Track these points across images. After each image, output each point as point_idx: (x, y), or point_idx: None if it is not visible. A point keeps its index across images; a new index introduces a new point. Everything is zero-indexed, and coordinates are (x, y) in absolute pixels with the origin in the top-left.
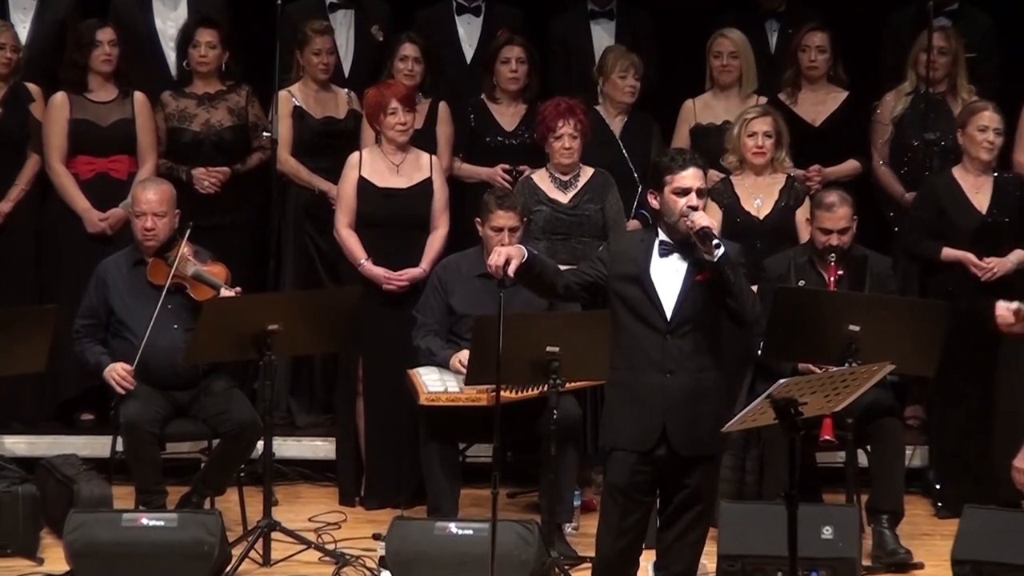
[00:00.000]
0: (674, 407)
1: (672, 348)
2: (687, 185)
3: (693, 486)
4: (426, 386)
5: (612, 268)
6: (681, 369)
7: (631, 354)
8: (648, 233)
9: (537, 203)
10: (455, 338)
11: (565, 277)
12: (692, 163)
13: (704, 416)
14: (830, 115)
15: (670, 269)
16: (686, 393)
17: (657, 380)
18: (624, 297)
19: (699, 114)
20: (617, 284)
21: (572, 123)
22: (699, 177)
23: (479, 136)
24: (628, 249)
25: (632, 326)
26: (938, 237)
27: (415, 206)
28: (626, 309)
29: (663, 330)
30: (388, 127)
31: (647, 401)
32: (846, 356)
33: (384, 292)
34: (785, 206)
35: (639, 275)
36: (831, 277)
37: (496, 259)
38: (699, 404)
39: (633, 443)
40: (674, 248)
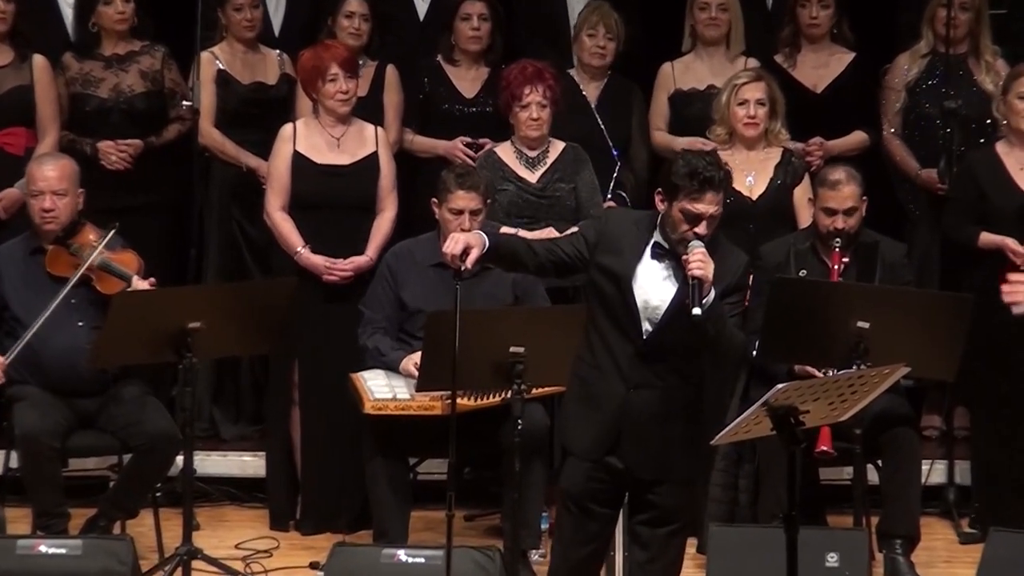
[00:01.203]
0: (634, 425)
1: (642, 364)
2: (699, 212)
3: (662, 505)
4: (372, 392)
5: (595, 253)
6: (649, 386)
7: (598, 353)
8: (647, 221)
9: (502, 181)
10: (406, 337)
11: (539, 256)
12: (710, 187)
13: (670, 439)
14: (834, 80)
15: (659, 277)
16: (650, 412)
17: (619, 392)
18: (601, 292)
19: (679, 78)
20: (597, 274)
21: (540, 90)
22: (716, 202)
23: (434, 104)
24: (619, 235)
25: (603, 325)
26: (980, 221)
27: (359, 185)
28: (601, 305)
29: (637, 344)
30: (327, 95)
31: (604, 410)
32: (853, 357)
33: (324, 284)
34: (782, 184)
35: (622, 277)
36: (836, 266)
37: (452, 247)
38: (665, 426)
39: (583, 450)
40: (668, 253)
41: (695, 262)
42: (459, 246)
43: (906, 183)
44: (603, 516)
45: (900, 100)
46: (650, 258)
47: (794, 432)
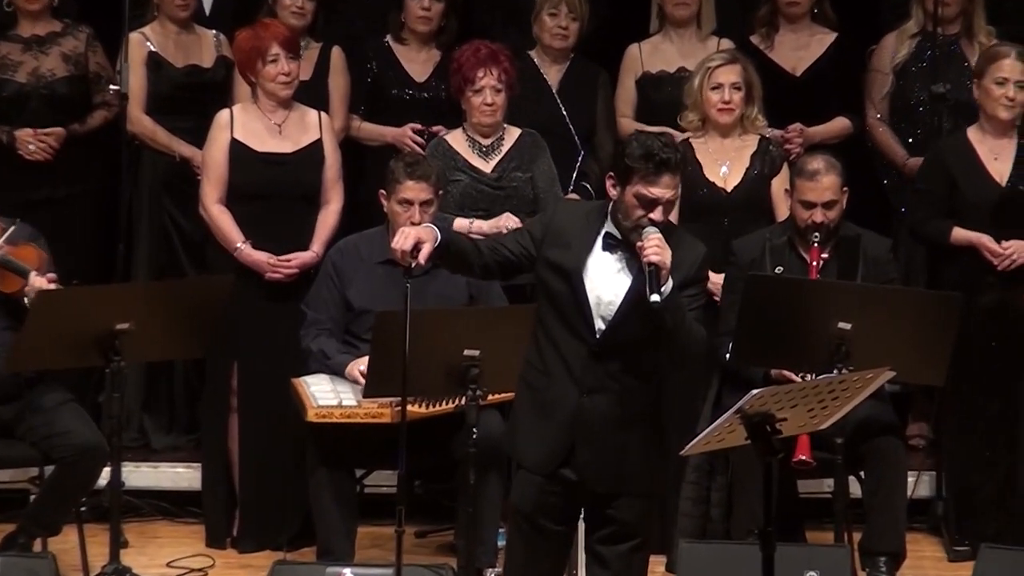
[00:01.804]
0: (589, 433)
1: (595, 365)
2: (655, 196)
3: (621, 520)
4: (315, 399)
5: (543, 248)
6: (604, 390)
7: (548, 356)
8: (597, 211)
9: (454, 171)
10: (352, 339)
11: (484, 256)
12: (666, 169)
13: (628, 448)
14: (815, 62)
15: (611, 270)
16: (606, 419)
17: (572, 397)
18: (550, 289)
19: (647, 60)
20: (545, 271)
21: (495, 73)
22: (672, 185)
23: (383, 88)
24: (567, 228)
25: (553, 326)
26: (950, 214)
27: (302, 175)
28: (549, 304)
29: (589, 344)
30: (267, 78)
31: (556, 418)
32: (834, 360)
33: (265, 282)
34: (758, 175)
35: (571, 272)
36: (815, 262)
37: (402, 242)
38: (622, 433)
39: (535, 463)
40: (620, 245)
41: (651, 248)
42: (409, 241)
43: (892, 173)
44: (557, 534)
45: (887, 84)
46: (601, 250)
47: (770, 441)
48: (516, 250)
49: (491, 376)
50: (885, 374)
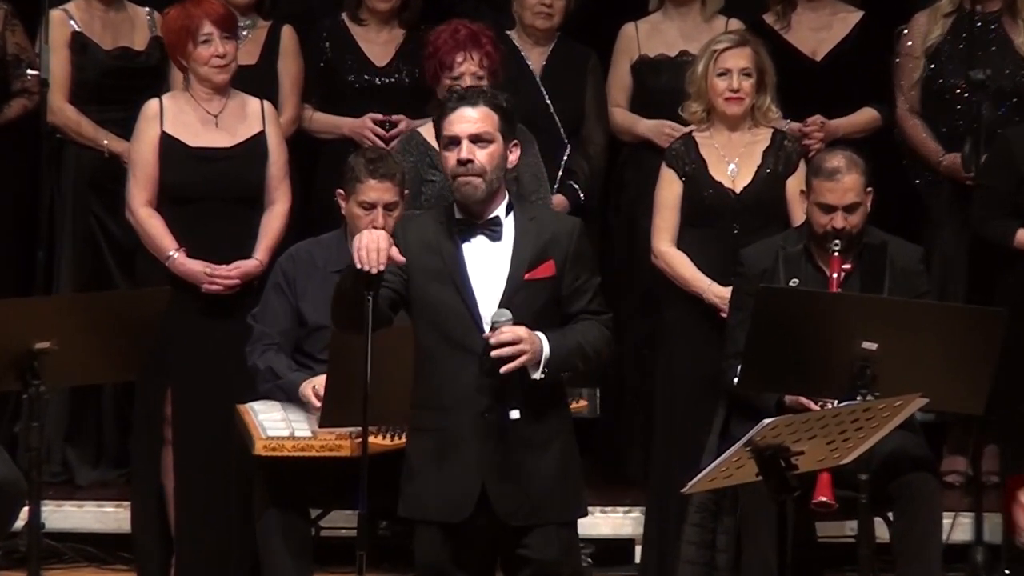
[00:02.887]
0: (495, 459)
1: (492, 376)
2: (453, 131)
3: (542, 559)
4: (264, 429)
5: (410, 265)
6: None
7: (438, 388)
8: (444, 212)
9: (429, 169)
10: (304, 359)
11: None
12: (464, 101)
13: (541, 471)
14: (837, 45)
15: (476, 258)
16: (511, 440)
17: (471, 424)
18: (424, 303)
19: (644, 42)
20: (419, 286)
21: (476, 58)
22: (473, 117)
23: (338, 74)
24: (424, 233)
25: (438, 348)
26: (1015, 214)
27: (243, 172)
28: (428, 321)
29: (479, 351)
30: (199, 60)
31: (458, 454)
32: (858, 386)
33: (203, 295)
34: (771, 174)
35: (449, 268)
36: (835, 274)
37: (366, 245)
38: (533, 454)
39: (441, 513)
40: (473, 228)
41: (499, 349)
42: (373, 247)
43: (925, 171)
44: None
45: (918, 70)
46: (461, 242)
47: (785, 478)
48: (392, 279)
49: None
50: (916, 401)
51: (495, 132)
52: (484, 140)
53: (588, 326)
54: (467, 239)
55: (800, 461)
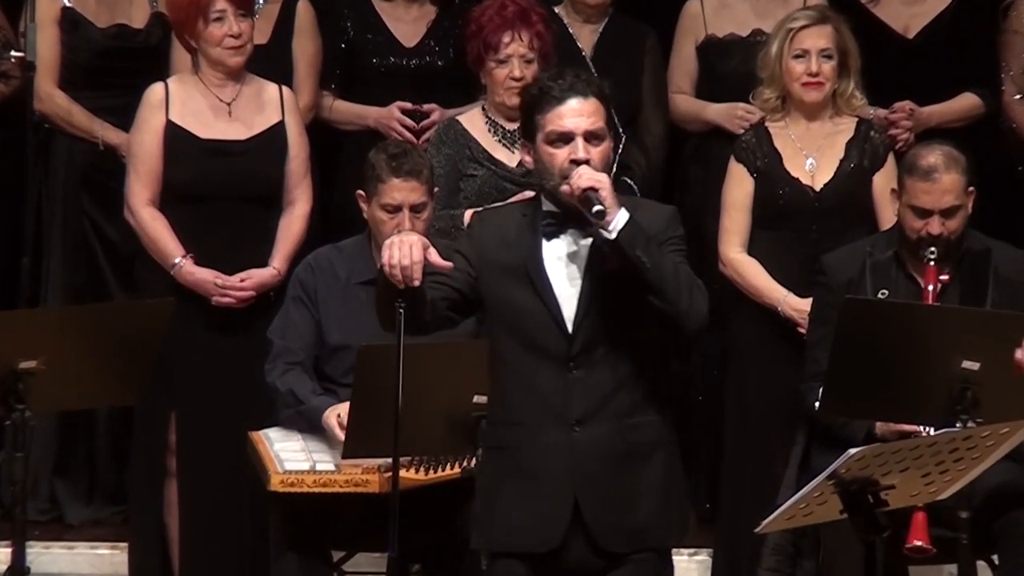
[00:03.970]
0: (589, 476)
1: (580, 384)
2: (567, 127)
3: None
4: (281, 462)
5: (482, 261)
6: (597, 417)
7: (518, 401)
8: (530, 206)
9: (470, 163)
10: (325, 383)
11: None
12: (573, 92)
13: (640, 489)
14: (932, 21)
15: (562, 257)
16: (606, 454)
17: (560, 438)
18: (501, 307)
19: (712, 20)
20: (493, 281)
21: (526, 38)
22: (587, 111)
23: (361, 56)
24: (501, 228)
25: (515, 354)
26: None
27: (259, 168)
28: (505, 327)
29: (564, 356)
30: (211, 41)
31: (545, 473)
32: (957, 410)
33: (213, 308)
34: (856, 169)
35: (526, 263)
36: (931, 285)
37: (399, 254)
38: (630, 470)
39: (527, 542)
40: (564, 223)
41: (579, 175)
42: (416, 251)
43: None
44: None
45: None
46: (546, 240)
47: (873, 516)
48: (458, 277)
49: None
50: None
51: (605, 127)
52: (598, 137)
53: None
54: (556, 234)
55: (891, 497)
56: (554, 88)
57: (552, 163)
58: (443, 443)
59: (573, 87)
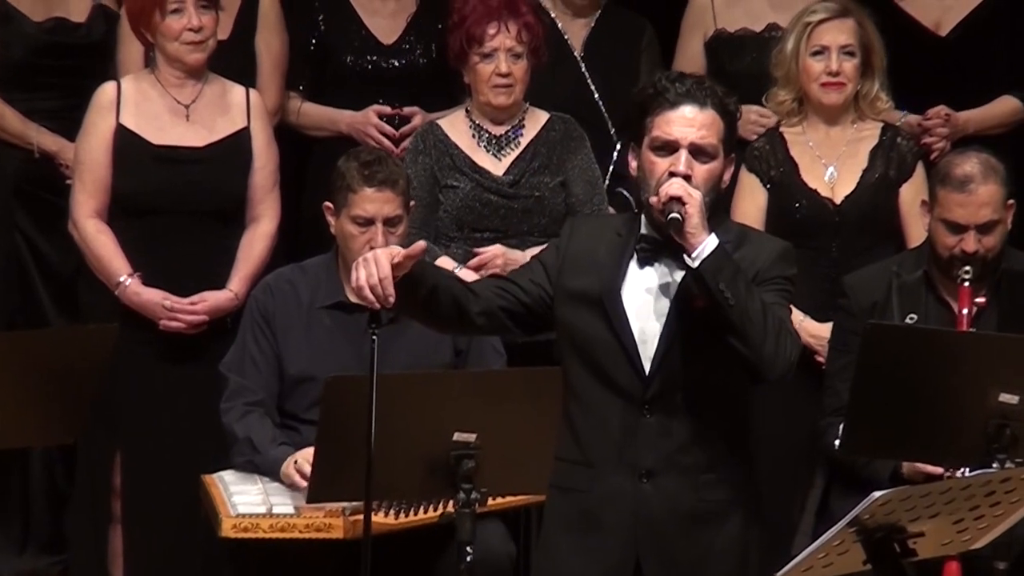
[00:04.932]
0: (655, 534)
1: (653, 431)
2: (672, 135)
3: None
4: (234, 505)
5: (561, 279)
6: (669, 469)
7: (585, 439)
8: (628, 222)
9: (451, 172)
10: (288, 420)
11: (482, 300)
12: (686, 98)
13: (711, 551)
14: (968, 16)
15: (652, 288)
16: (676, 511)
17: (626, 487)
18: (575, 334)
19: (721, 13)
20: (566, 307)
21: (513, 30)
22: (698, 123)
23: (335, 53)
24: (590, 247)
25: (587, 388)
26: None
27: (219, 179)
28: (577, 357)
29: (638, 397)
30: (168, 35)
31: (609, 523)
32: (994, 449)
33: (160, 335)
34: (881, 180)
35: (602, 294)
36: (965, 309)
37: (367, 274)
38: (701, 532)
39: None
40: (660, 251)
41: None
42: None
43: None
44: None
45: None
46: (638, 267)
47: (900, 567)
48: (530, 288)
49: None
50: None
51: (719, 145)
52: (706, 154)
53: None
54: (650, 261)
55: (920, 545)
56: (670, 90)
57: (652, 172)
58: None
59: (691, 93)
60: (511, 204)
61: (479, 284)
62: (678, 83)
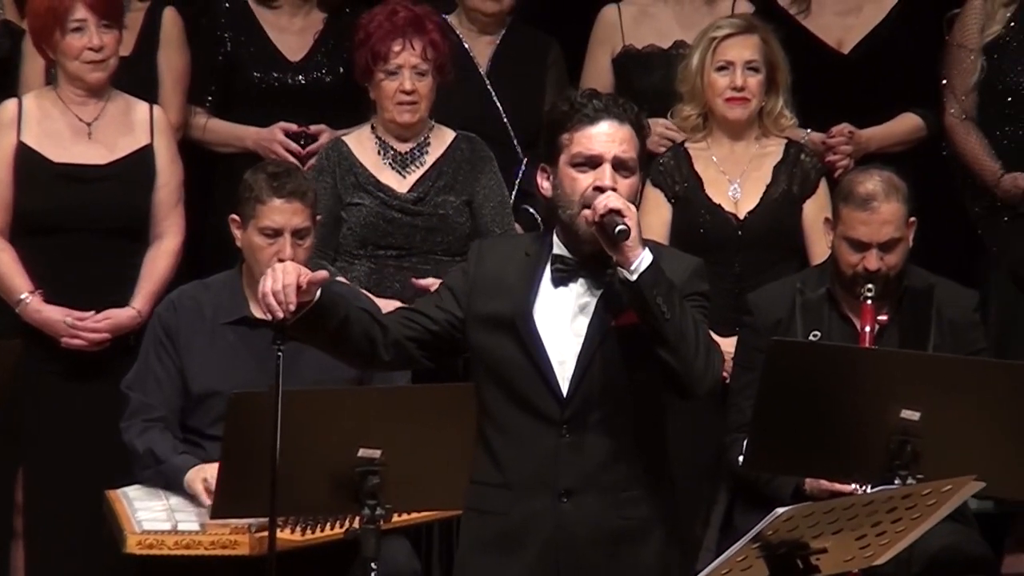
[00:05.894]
0: (575, 554)
1: (571, 451)
2: (596, 150)
3: None
4: (138, 522)
5: (471, 304)
6: (588, 488)
7: (503, 461)
8: (537, 241)
9: (355, 191)
10: (192, 436)
11: (389, 331)
12: (605, 113)
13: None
14: (869, 34)
15: (567, 308)
16: (597, 529)
17: (546, 508)
18: (490, 357)
19: (629, 30)
20: (478, 333)
21: (419, 47)
22: (619, 137)
23: (241, 69)
24: (500, 269)
25: (503, 410)
26: None
27: (122, 197)
28: (492, 380)
29: (556, 418)
30: (68, 54)
31: (529, 544)
32: (896, 465)
33: (62, 352)
34: (784, 196)
35: (514, 317)
36: (868, 326)
37: (276, 281)
38: (623, 549)
39: None
40: (576, 270)
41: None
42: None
43: (983, 194)
44: None
45: (975, 68)
46: (552, 286)
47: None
48: (438, 316)
49: (398, 487)
50: (970, 486)
51: (637, 160)
52: (628, 168)
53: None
54: (565, 282)
55: (823, 562)
56: (587, 106)
57: (573, 188)
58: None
59: (608, 109)
60: (414, 222)
61: (387, 317)
62: (595, 99)
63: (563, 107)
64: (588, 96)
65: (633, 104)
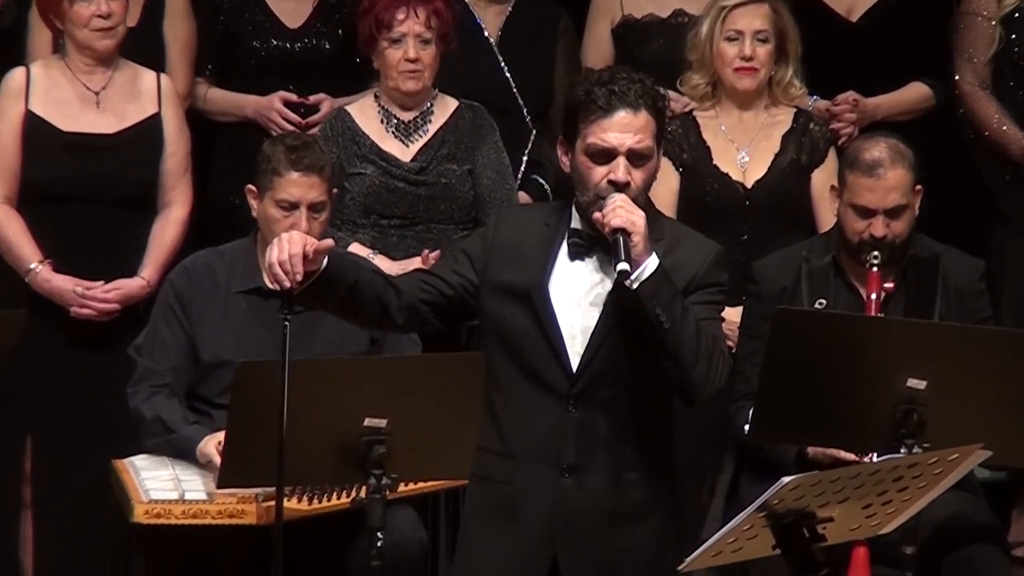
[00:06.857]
0: (574, 534)
1: (577, 426)
2: (609, 143)
3: None
4: (146, 491)
5: (488, 271)
6: (591, 465)
7: (507, 430)
8: (556, 213)
9: (358, 159)
10: (202, 404)
11: (403, 294)
12: (622, 102)
13: (626, 550)
14: (878, 3)
15: (582, 282)
16: (596, 507)
17: (547, 481)
18: (501, 326)
19: (627, 1)
20: (492, 300)
21: (422, 16)
22: (636, 127)
23: (240, 38)
24: (518, 239)
25: (511, 380)
26: None
27: (130, 166)
28: (503, 349)
29: (563, 392)
30: (77, 22)
31: (528, 518)
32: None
33: (71, 321)
34: (792, 165)
35: (530, 289)
36: (874, 293)
37: (283, 250)
38: (619, 529)
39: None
40: (592, 246)
41: (611, 210)
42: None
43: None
44: None
45: (994, 38)
46: (569, 259)
47: (809, 552)
48: (454, 281)
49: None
50: (976, 455)
51: (654, 144)
52: (643, 157)
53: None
54: (582, 255)
55: (829, 530)
56: (601, 96)
57: (588, 178)
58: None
59: (623, 97)
60: (418, 191)
61: (401, 279)
62: (610, 84)
63: (579, 94)
64: (603, 81)
65: (648, 79)
